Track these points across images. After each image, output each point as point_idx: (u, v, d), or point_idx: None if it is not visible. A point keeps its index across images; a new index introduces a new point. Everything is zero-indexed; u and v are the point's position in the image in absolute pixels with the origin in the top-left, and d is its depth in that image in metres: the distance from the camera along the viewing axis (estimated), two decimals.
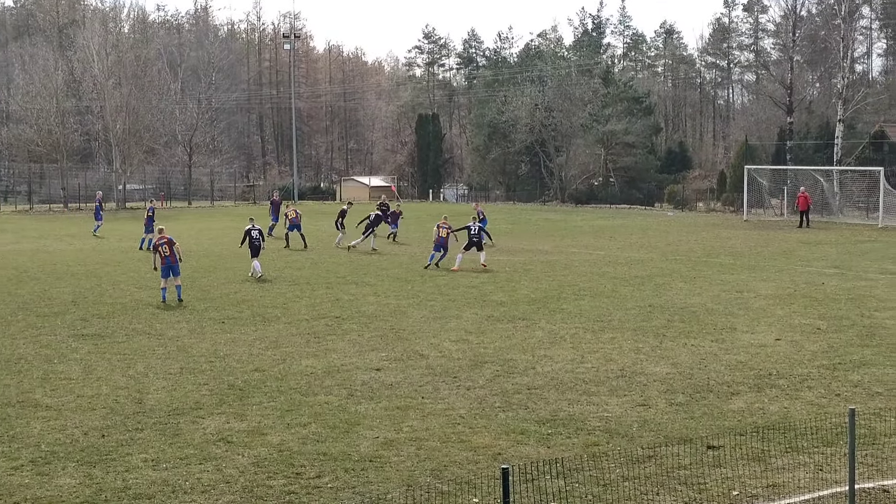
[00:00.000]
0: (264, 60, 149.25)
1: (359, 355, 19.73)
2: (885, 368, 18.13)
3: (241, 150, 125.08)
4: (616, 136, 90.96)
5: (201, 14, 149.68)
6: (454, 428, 14.55)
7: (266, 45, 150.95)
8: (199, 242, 46.16)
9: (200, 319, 24.25)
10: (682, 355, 19.48)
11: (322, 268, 35.19)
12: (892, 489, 11.85)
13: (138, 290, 29.50)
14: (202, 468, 12.82)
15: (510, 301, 26.89)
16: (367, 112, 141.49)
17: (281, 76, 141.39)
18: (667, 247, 42.49)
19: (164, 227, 29.03)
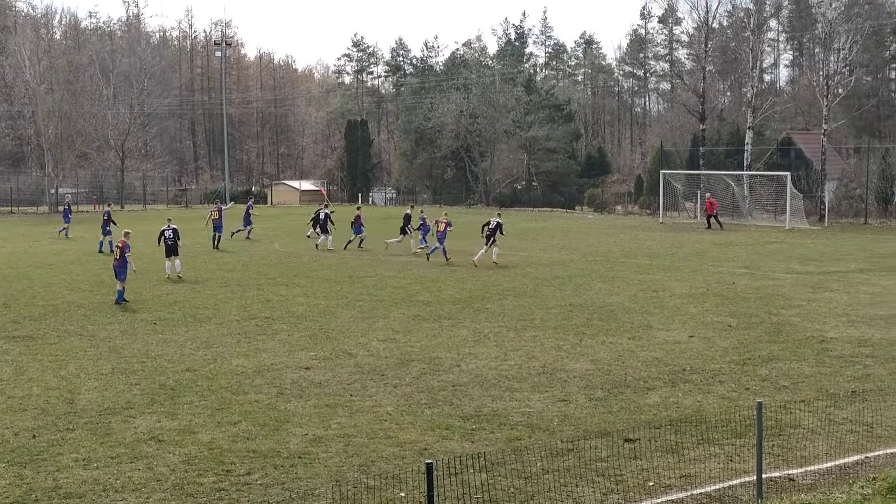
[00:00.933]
0: (196, 67, 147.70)
1: (288, 354, 19.60)
2: (791, 363, 18.43)
3: (174, 155, 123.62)
4: (538, 142, 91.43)
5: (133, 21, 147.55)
6: (381, 424, 14.51)
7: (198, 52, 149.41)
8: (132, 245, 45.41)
9: (132, 321, 23.92)
10: (601, 352, 19.62)
11: (253, 269, 34.90)
12: (797, 477, 12.05)
13: (70, 293, 29.03)
14: (133, 467, 12.63)
15: (436, 301, 26.90)
16: (298, 118, 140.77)
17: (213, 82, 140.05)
18: (587, 248, 42.81)
19: (129, 232, 29.58)
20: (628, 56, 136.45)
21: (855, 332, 21.74)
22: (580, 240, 47.46)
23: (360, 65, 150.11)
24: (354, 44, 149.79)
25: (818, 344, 20.31)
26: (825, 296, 27.39)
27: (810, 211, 60.81)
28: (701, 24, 72.69)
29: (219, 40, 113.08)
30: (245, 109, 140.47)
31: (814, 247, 43.38)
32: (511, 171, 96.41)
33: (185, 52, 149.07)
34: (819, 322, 23.04)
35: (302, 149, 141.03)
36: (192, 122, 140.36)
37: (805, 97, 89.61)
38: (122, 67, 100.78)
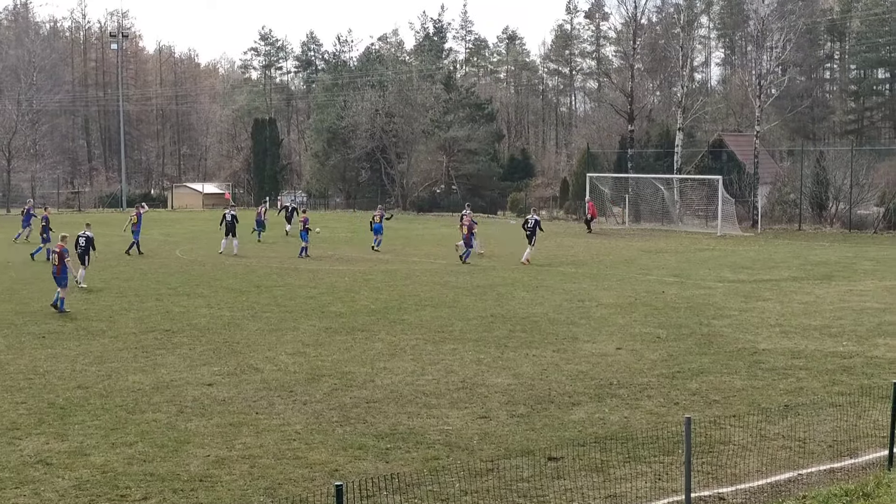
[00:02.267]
0: (90, 60, 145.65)
1: (190, 370, 19.38)
2: (722, 376, 18.70)
3: (66, 155, 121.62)
4: (458, 143, 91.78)
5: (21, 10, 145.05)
6: (289, 444, 14.41)
7: (92, 45, 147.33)
8: (18, 252, 44.65)
9: (19, 334, 23.46)
10: (524, 366, 19.72)
11: (152, 278, 34.48)
12: (727, 496, 12.22)
13: None
14: (18, 492, 12.37)
15: (349, 312, 26.83)
16: (201, 116, 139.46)
17: (108, 77, 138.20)
18: (509, 256, 43.01)
19: (66, 236, 29.37)
20: (553, 53, 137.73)
21: (788, 343, 22.14)
22: (502, 247, 47.68)
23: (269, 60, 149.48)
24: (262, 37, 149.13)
25: (750, 356, 20.64)
26: (758, 305, 27.86)
27: (743, 216, 61.84)
28: (629, 19, 73.54)
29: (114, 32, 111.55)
30: (144, 106, 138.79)
31: (746, 254, 44.13)
32: (429, 173, 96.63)
33: (78, 44, 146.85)
34: (751, 333, 23.43)
35: (205, 149, 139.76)
36: (85, 119, 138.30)
37: (737, 97, 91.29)
38: (8, 60, 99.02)
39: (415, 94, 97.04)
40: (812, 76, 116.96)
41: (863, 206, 62.18)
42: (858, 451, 14.00)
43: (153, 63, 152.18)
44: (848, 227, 58.65)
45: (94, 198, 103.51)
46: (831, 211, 62.45)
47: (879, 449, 13.84)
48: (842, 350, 21.26)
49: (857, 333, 23.29)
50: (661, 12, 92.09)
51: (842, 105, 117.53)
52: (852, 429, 14.87)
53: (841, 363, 19.88)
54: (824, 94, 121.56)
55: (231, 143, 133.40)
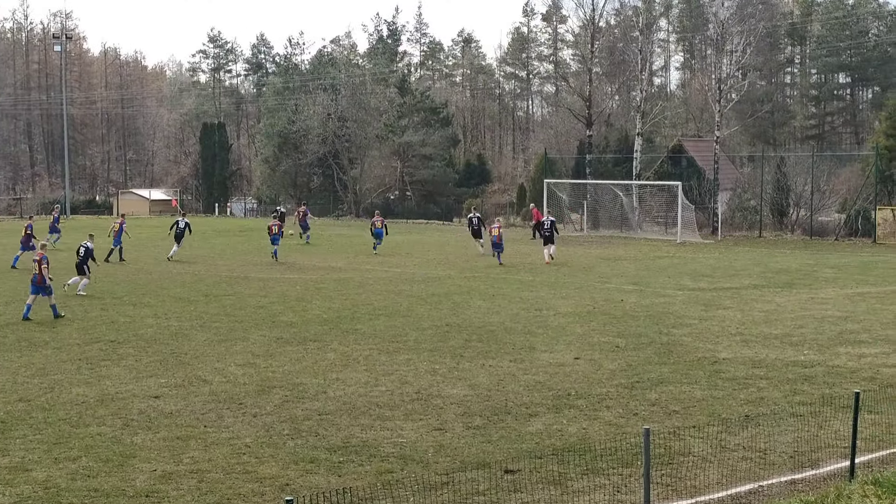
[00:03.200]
0: (32, 62, 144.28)
1: (136, 382, 19.24)
2: (682, 386, 18.81)
3: (7, 160, 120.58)
4: (413, 148, 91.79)
5: None
6: (239, 458, 14.34)
7: (34, 46, 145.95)
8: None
9: None
10: (480, 376, 19.74)
11: (97, 287, 34.18)
12: None
13: None
14: None
15: (301, 322, 26.75)
16: (148, 120, 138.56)
17: (51, 80, 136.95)
18: (465, 263, 43.08)
19: (45, 244, 30.67)
20: (510, 56, 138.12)
21: (749, 352, 22.31)
22: (458, 254, 47.73)
23: (218, 62, 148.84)
24: (211, 39, 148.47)
25: (710, 365, 20.78)
26: (718, 314, 28.06)
27: (703, 223, 62.31)
28: (587, 22, 74.01)
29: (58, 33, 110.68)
30: (88, 110, 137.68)
31: (706, 261, 44.44)
32: (383, 179, 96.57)
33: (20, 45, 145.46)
34: (711, 342, 23.60)
35: (152, 154, 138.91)
36: (27, 123, 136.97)
37: (697, 102, 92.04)
38: None
39: (368, 97, 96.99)
40: (772, 80, 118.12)
41: (824, 213, 62.81)
42: (820, 461, 14.12)
43: (98, 65, 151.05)
44: (809, 234, 59.23)
45: (37, 204, 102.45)
46: (792, 218, 63.06)
47: (841, 460, 13.97)
48: (803, 359, 21.45)
49: (818, 342, 23.51)
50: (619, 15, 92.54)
51: (802, 110, 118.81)
52: (813, 439, 15.00)
53: (802, 372, 20.06)
54: (785, 98, 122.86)
55: (179, 147, 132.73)
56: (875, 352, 22.32)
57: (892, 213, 56.47)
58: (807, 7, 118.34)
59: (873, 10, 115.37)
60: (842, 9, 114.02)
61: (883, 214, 56.86)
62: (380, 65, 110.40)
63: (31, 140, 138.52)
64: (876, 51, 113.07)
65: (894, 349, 22.62)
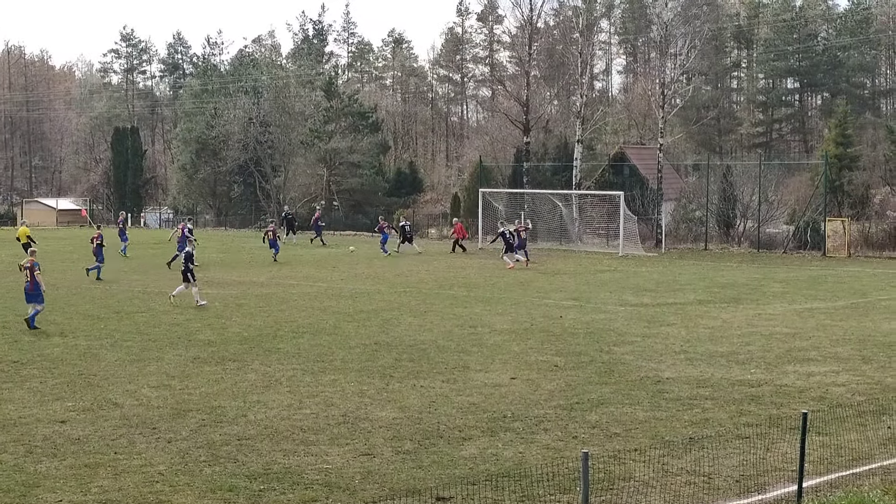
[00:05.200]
0: None
1: (40, 406, 19.00)
2: (624, 407, 18.94)
3: None
4: (340, 155, 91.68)
5: None
6: (152, 487, 14.22)
7: None
8: None
9: None
10: (411, 398, 19.73)
11: None
12: None
13: None
14: None
15: (219, 340, 26.58)
16: (55, 124, 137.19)
17: None
18: (395, 278, 43.07)
19: (35, 251, 31.30)
20: (443, 58, 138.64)
21: (693, 371, 22.51)
22: (387, 268, 47.72)
23: (131, 63, 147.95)
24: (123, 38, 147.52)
25: (653, 385, 20.94)
26: (661, 331, 28.28)
27: (646, 235, 62.75)
28: (524, 23, 74.37)
29: None
30: None
31: (649, 275, 44.79)
32: (309, 188, 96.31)
33: None
34: (655, 360, 23.78)
35: (60, 160, 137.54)
36: None
37: (640, 108, 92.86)
38: None
39: (292, 101, 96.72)
40: (718, 85, 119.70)
41: (772, 225, 63.56)
42: (767, 486, 14.28)
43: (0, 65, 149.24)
44: (756, 247, 59.88)
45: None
46: (739, 229, 63.76)
47: (788, 483, 14.13)
48: (749, 378, 21.69)
49: (765, 360, 23.79)
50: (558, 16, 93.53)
51: (749, 116, 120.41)
52: (760, 462, 15.17)
53: (749, 392, 20.28)
54: (731, 104, 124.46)
55: (89, 153, 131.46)
56: (824, 370, 22.62)
57: (843, 224, 57.30)
58: (753, 9, 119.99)
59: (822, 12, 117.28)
60: (790, 11, 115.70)
61: (833, 226, 57.66)
62: (305, 66, 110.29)
63: None
64: (825, 55, 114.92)
65: (844, 367, 22.94)
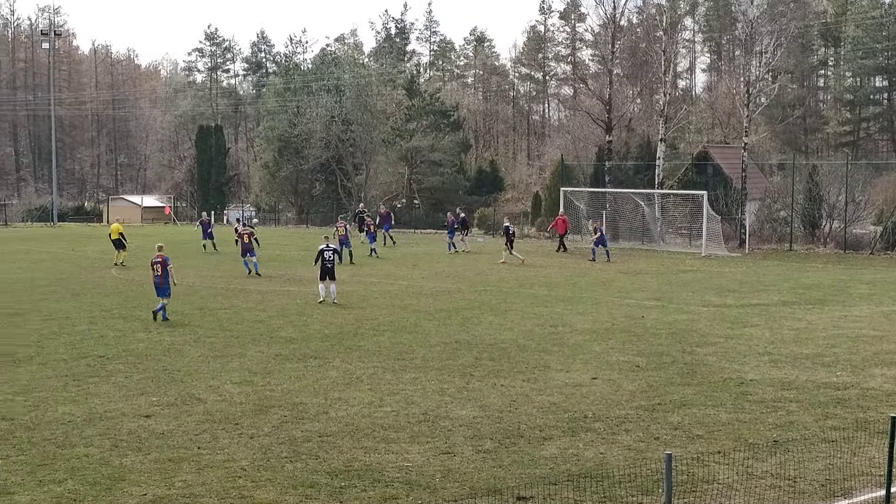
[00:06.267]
0: (19, 61, 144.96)
1: (125, 400, 19.28)
2: (706, 409, 18.78)
3: None
4: (421, 154, 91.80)
5: None
6: (234, 482, 14.36)
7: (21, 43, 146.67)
8: None
9: None
10: (491, 397, 19.72)
11: (85, 300, 34.30)
12: None
13: None
14: None
15: (301, 337, 26.76)
16: (141, 122, 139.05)
17: (39, 79, 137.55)
18: (476, 276, 43.06)
19: (162, 245, 31.68)
20: (525, 56, 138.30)
21: (778, 373, 22.26)
22: (468, 266, 47.73)
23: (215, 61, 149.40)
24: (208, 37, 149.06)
25: (737, 387, 20.74)
26: (745, 332, 28.00)
27: (729, 235, 62.07)
28: (607, 21, 73.89)
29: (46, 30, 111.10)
30: (77, 111, 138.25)
31: (733, 276, 44.32)
32: (390, 186, 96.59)
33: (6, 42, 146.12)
34: (738, 362, 23.55)
35: (145, 158, 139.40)
36: (13, 124, 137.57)
37: (724, 106, 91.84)
38: None
39: (374, 99, 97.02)
40: (804, 84, 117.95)
41: (859, 225, 62.51)
42: (853, 490, 14.09)
43: (88, 64, 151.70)
44: (843, 248, 59.00)
45: (23, 211, 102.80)
46: (825, 230, 62.80)
47: (876, 488, 13.94)
48: (835, 381, 21.41)
49: (851, 363, 23.46)
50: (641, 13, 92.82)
51: (836, 115, 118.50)
52: (847, 466, 14.96)
53: (834, 395, 20.02)
54: (817, 103, 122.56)
55: (173, 151, 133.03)
56: None
57: None
58: (841, 6, 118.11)
59: None
60: (878, 8, 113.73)
61: None
62: (387, 65, 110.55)
63: (16, 143, 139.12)
64: None
65: None
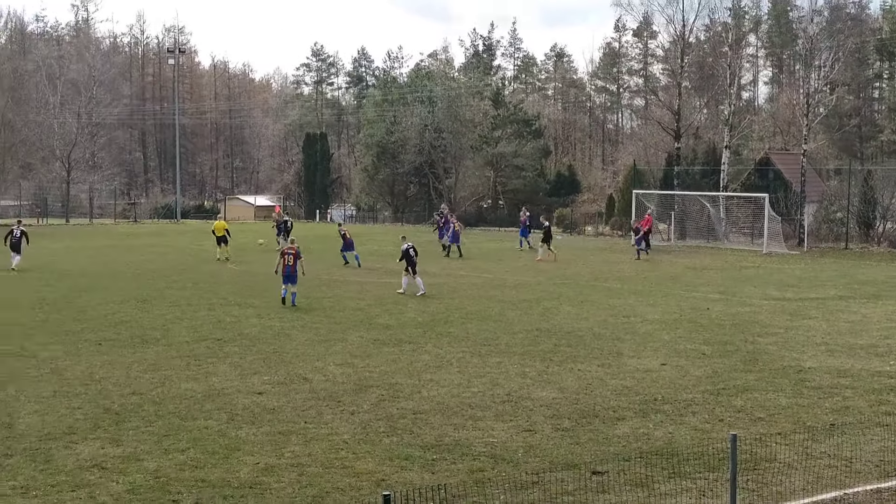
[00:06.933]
0: (147, 75, 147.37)
1: (240, 379, 19.49)
2: (767, 394, 18.52)
3: (123, 167, 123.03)
4: (505, 159, 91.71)
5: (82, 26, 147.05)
6: (337, 453, 14.45)
7: (150, 60, 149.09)
8: (76, 261, 45.24)
9: (76, 341, 23.71)
10: (569, 380, 19.65)
11: (204, 288, 34.73)
12: None
13: (10, 311, 28.76)
14: (74, 495, 12.50)
15: (396, 324, 26.86)
16: (254, 130, 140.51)
17: (164, 91, 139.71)
18: (554, 271, 42.89)
19: (295, 239, 32.84)
20: (601, 70, 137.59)
21: (834, 361, 21.89)
22: (548, 262, 47.56)
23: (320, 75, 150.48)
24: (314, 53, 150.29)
25: (796, 374, 20.44)
26: (803, 323, 27.58)
27: (789, 234, 61.20)
28: (677, 38, 73.20)
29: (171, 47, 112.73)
30: (198, 120, 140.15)
31: (792, 272, 43.68)
32: (477, 188, 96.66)
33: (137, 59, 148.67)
34: (797, 351, 23.20)
35: (258, 162, 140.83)
36: (142, 132, 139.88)
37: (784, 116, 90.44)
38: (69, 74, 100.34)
39: (463, 110, 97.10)
40: (860, 95, 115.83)
41: None
42: None
43: (208, 78, 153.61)
44: (895, 247, 57.91)
45: (150, 209, 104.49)
46: (878, 230, 61.64)
47: None
48: (889, 370, 21.00)
49: None
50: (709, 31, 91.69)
51: (890, 124, 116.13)
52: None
53: (888, 383, 19.64)
54: (872, 113, 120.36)
55: (283, 156, 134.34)
56: None
57: None
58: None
59: None
60: None
61: None
62: (475, 78, 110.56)
63: (144, 148, 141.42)
64: None
65: None
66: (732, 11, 78.45)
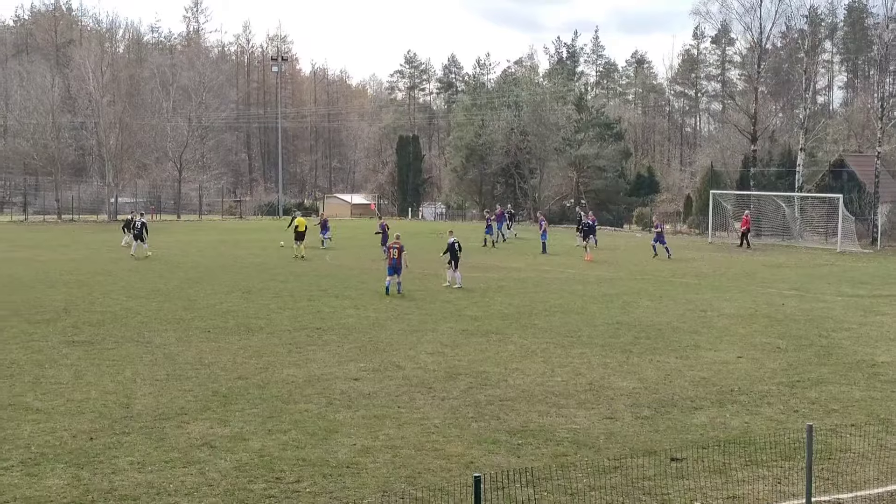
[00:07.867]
0: (252, 81, 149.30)
1: (338, 365, 19.65)
2: (841, 386, 18.18)
3: (229, 167, 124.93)
4: (588, 160, 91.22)
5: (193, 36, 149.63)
6: (428, 437, 14.51)
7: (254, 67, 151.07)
8: (187, 255, 46.01)
9: (187, 329, 24.13)
10: (648, 371, 19.48)
11: (304, 281, 35.09)
12: (846, 502, 11.88)
13: (128, 300, 29.34)
14: (186, 471, 12.73)
15: (484, 316, 26.86)
16: (350, 132, 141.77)
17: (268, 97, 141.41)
18: (634, 267, 42.56)
19: (399, 235, 33.30)
20: (679, 76, 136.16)
21: None
22: (628, 258, 47.21)
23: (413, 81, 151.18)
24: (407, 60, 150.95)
25: (869, 368, 20.02)
26: (876, 319, 27.00)
27: (862, 234, 59.94)
28: (754, 44, 72.14)
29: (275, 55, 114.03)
30: (299, 123, 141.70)
31: (865, 270, 42.80)
32: (560, 188, 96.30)
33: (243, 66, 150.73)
34: (870, 346, 22.73)
35: (354, 163, 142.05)
36: (247, 135, 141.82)
37: (858, 119, 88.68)
38: (181, 81, 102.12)
39: (548, 114, 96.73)
40: None
41: None
42: None
43: (308, 84, 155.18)
44: None
45: (254, 206, 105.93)
46: None
47: None
48: None
49: None
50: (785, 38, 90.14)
51: None
52: None
53: None
54: None
55: (377, 157, 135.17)
56: None
57: None
58: None
59: None
60: None
61: None
62: (559, 84, 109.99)
63: (249, 150, 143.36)
64: None
65: None
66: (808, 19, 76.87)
